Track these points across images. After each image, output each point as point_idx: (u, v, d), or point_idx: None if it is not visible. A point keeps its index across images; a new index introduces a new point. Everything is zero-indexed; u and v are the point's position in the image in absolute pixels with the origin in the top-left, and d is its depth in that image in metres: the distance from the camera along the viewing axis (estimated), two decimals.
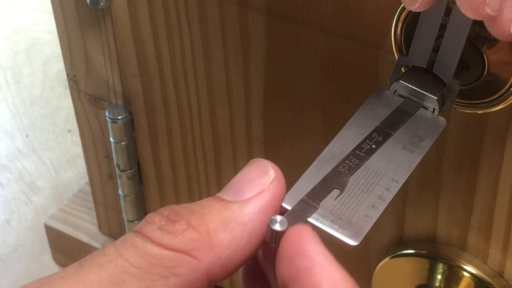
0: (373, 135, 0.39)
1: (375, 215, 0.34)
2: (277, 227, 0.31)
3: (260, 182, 0.31)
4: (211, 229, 0.29)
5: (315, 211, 0.34)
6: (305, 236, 0.30)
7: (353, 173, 0.36)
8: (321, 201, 0.34)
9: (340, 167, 0.36)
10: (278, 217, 0.31)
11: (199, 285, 0.29)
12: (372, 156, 0.37)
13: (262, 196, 0.31)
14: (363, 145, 0.38)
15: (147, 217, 0.30)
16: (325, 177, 0.35)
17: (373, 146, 0.38)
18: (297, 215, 0.33)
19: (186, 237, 0.29)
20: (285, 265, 0.29)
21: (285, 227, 0.31)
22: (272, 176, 0.32)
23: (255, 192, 0.31)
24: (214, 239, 0.29)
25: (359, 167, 0.36)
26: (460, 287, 0.53)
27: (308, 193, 0.34)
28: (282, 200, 0.32)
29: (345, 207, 0.34)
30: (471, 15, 0.34)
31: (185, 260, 0.28)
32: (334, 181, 0.35)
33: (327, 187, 0.35)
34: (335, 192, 0.35)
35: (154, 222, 0.29)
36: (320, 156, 0.37)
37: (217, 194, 0.31)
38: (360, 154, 0.37)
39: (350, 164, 0.36)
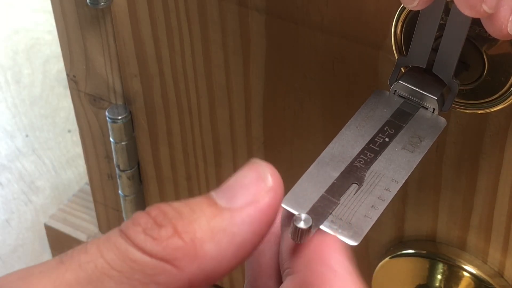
0: (385, 128, 0.39)
1: (375, 215, 0.34)
2: (302, 225, 0.31)
3: (255, 190, 0.29)
4: (197, 238, 0.28)
5: (336, 207, 0.34)
6: (329, 242, 0.29)
7: (369, 167, 0.36)
8: (341, 196, 0.34)
9: (356, 162, 0.36)
10: (303, 215, 0.31)
11: None
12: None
13: (255, 207, 0.29)
14: (376, 139, 0.38)
15: (134, 215, 0.29)
16: (342, 172, 0.36)
17: (386, 139, 0.38)
18: (319, 212, 0.33)
19: (170, 245, 0.28)
20: (303, 267, 0.29)
21: (310, 224, 0.31)
22: (269, 184, 0.29)
23: (248, 200, 0.29)
24: (199, 249, 0.28)
25: (375, 161, 0.36)
26: (460, 287, 0.53)
27: (327, 189, 0.34)
28: (277, 211, 0.30)
29: (344, 207, 0.34)
30: (468, 12, 0.34)
31: (166, 269, 0.28)
32: (351, 176, 0.36)
33: (345, 183, 0.35)
34: (354, 187, 0.35)
35: (139, 224, 0.28)
36: (319, 157, 0.37)
37: (211, 193, 0.30)
38: (374, 148, 0.37)
39: (366, 158, 0.37)
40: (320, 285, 0.28)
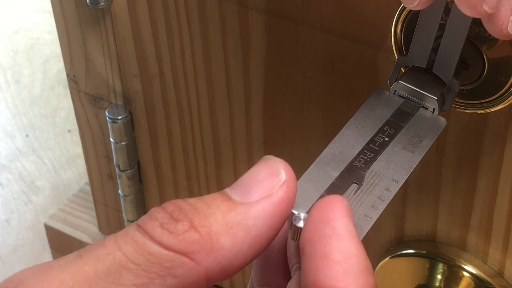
0: (385, 128, 0.39)
1: (375, 215, 0.34)
2: (301, 224, 0.31)
3: (269, 185, 0.30)
4: (213, 232, 0.29)
5: None
6: (336, 205, 0.29)
7: (369, 167, 0.36)
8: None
9: (356, 162, 0.36)
10: (302, 214, 0.31)
11: (197, 286, 0.29)
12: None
13: (269, 201, 0.30)
14: (376, 139, 0.38)
15: (151, 211, 0.30)
16: (342, 172, 0.36)
17: (386, 139, 0.38)
18: None
19: (186, 239, 0.28)
20: (309, 227, 0.29)
21: None
22: (283, 179, 0.30)
23: (263, 195, 0.30)
24: (215, 242, 0.29)
25: (375, 161, 0.36)
26: (460, 287, 0.53)
27: (327, 189, 0.35)
28: (291, 205, 0.31)
29: None
30: (468, 12, 0.34)
31: (183, 261, 0.28)
32: (351, 175, 0.36)
33: (345, 182, 0.35)
34: (354, 186, 0.35)
35: (156, 219, 0.29)
36: (319, 156, 0.37)
37: (226, 190, 0.31)
38: (374, 148, 0.37)
39: (365, 158, 0.37)
40: (323, 246, 0.29)
